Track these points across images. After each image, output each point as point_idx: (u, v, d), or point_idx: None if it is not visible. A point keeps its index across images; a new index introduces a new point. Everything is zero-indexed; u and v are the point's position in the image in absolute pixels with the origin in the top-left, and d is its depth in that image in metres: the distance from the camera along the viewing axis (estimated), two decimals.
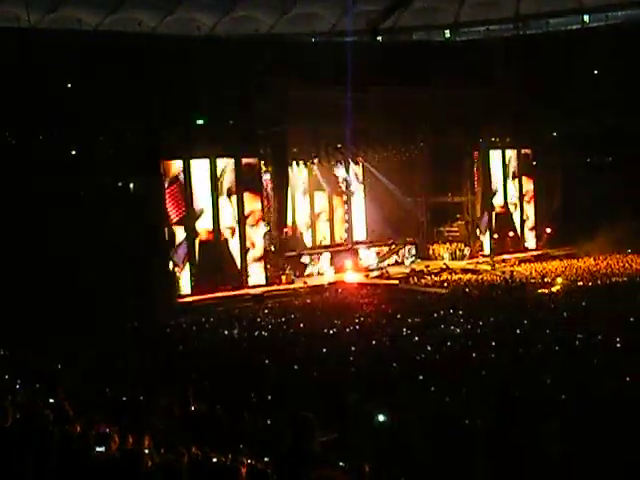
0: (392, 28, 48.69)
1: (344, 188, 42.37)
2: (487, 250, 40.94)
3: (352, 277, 36.17)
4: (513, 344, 17.33)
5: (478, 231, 41.82)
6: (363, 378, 14.53)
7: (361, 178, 43.52)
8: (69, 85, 31.14)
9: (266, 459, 8.09)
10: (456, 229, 42.47)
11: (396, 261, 40.49)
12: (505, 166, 42.89)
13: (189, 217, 32.75)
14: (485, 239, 41.81)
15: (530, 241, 43.70)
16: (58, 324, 22.37)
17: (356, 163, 42.10)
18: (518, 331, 19.10)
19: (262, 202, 34.87)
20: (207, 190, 33.23)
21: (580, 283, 29.37)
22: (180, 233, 32.59)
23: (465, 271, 36.05)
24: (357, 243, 41.06)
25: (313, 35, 47.55)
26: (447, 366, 15.25)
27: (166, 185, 32.30)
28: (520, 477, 9.65)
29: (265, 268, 34.59)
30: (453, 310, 23.43)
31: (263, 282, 34.27)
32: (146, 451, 7.16)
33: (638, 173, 37.99)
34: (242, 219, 34.09)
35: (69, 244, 27.31)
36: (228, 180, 33.87)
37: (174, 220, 32.43)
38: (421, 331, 20.10)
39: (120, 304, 25.78)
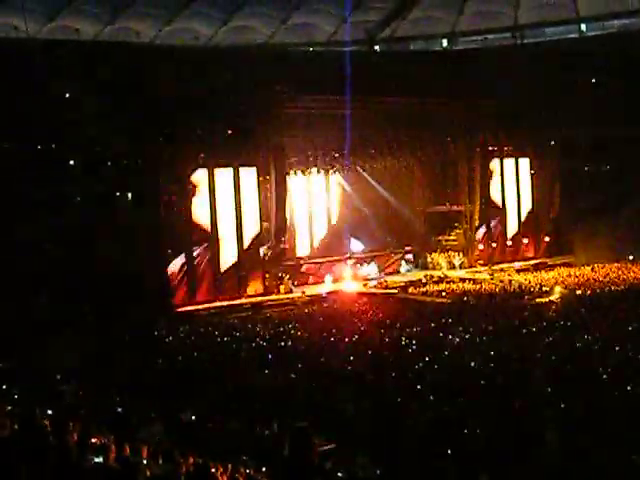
0: (390, 37, 48.88)
1: (342, 198, 42.37)
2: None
3: (350, 287, 36.08)
4: (512, 353, 17.31)
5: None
6: (362, 388, 14.48)
7: (359, 187, 43.54)
8: (67, 95, 31.09)
9: (264, 469, 8.07)
10: (454, 238, 42.40)
11: (395, 270, 40.45)
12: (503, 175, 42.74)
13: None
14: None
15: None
16: (55, 334, 22.32)
17: (355, 172, 42.10)
18: (517, 340, 19.08)
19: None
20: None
21: (579, 292, 29.30)
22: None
23: (464, 280, 35.99)
24: (355, 253, 41.07)
25: (311, 45, 47.65)
26: (446, 375, 15.21)
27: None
28: None
29: (263, 278, 34.50)
30: (453, 319, 23.42)
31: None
32: (144, 461, 7.13)
33: (637, 181, 37.97)
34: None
35: (65, 251, 27.34)
36: None
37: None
38: (420, 340, 20.06)
39: (118, 314, 25.72)
